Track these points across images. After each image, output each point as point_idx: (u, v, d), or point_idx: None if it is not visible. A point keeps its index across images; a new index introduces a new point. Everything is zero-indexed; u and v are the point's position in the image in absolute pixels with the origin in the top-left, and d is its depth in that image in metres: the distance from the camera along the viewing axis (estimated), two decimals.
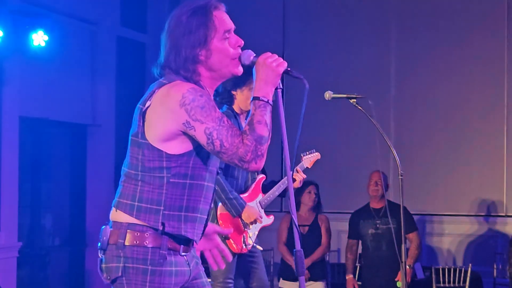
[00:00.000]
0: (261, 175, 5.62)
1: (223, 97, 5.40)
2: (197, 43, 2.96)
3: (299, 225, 7.63)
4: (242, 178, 5.49)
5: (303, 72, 3.06)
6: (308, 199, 7.57)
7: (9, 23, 6.59)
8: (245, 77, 4.84)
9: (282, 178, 5.80)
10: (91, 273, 8.55)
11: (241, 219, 5.41)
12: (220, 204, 5.38)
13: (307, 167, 5.81)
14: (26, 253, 7.87)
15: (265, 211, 5.63)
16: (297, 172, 5.66)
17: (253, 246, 5.52)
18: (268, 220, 5.62)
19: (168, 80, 2.94)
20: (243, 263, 5.56)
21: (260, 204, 5.56)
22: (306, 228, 7.57)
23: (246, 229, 5.46)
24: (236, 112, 5.40)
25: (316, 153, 5.88)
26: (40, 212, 8.39)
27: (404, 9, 9.33)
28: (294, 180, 5.62)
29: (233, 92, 5.38)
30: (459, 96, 9.06)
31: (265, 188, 5.67)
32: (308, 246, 7.33)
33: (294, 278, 7.35)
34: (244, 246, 5.44)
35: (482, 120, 8.99)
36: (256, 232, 5.53)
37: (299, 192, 7.50)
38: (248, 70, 4.20)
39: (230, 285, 5.46)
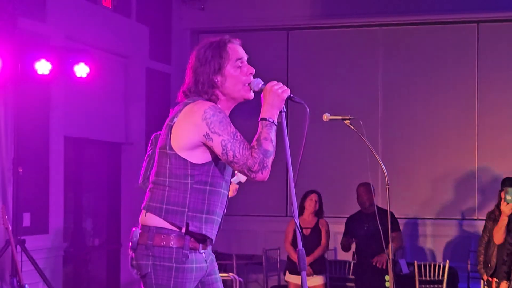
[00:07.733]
0: None
1: None
2: (212, 70, 3.00)
3: (302, 228, 7.63)
4: None
5: (304, 97, 3.07)
6: (309, 205, 7.50)
7: (56, 57, 6.61)
8: None
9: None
10: (125, 269, 8.52)
11: None
12: None
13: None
14: (70, 252, 7.86)
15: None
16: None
17: None
18: None
19: (192, 100, 2.98)
20: None
21: None
22: (309, 230, 7.49)
23: None
24: None
25: None
26: (82, 217, 8.38)
27: (390, 44, 9.35)
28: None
29: None
30: (437, 117, 9.08)
31: None
32: (310, 246, 7.29)
33: (298, 272, 7.27)
34: None
35: (457, 138, 9.04)
36: None
37: (303, 199, 7.47)
38: None
39: None
